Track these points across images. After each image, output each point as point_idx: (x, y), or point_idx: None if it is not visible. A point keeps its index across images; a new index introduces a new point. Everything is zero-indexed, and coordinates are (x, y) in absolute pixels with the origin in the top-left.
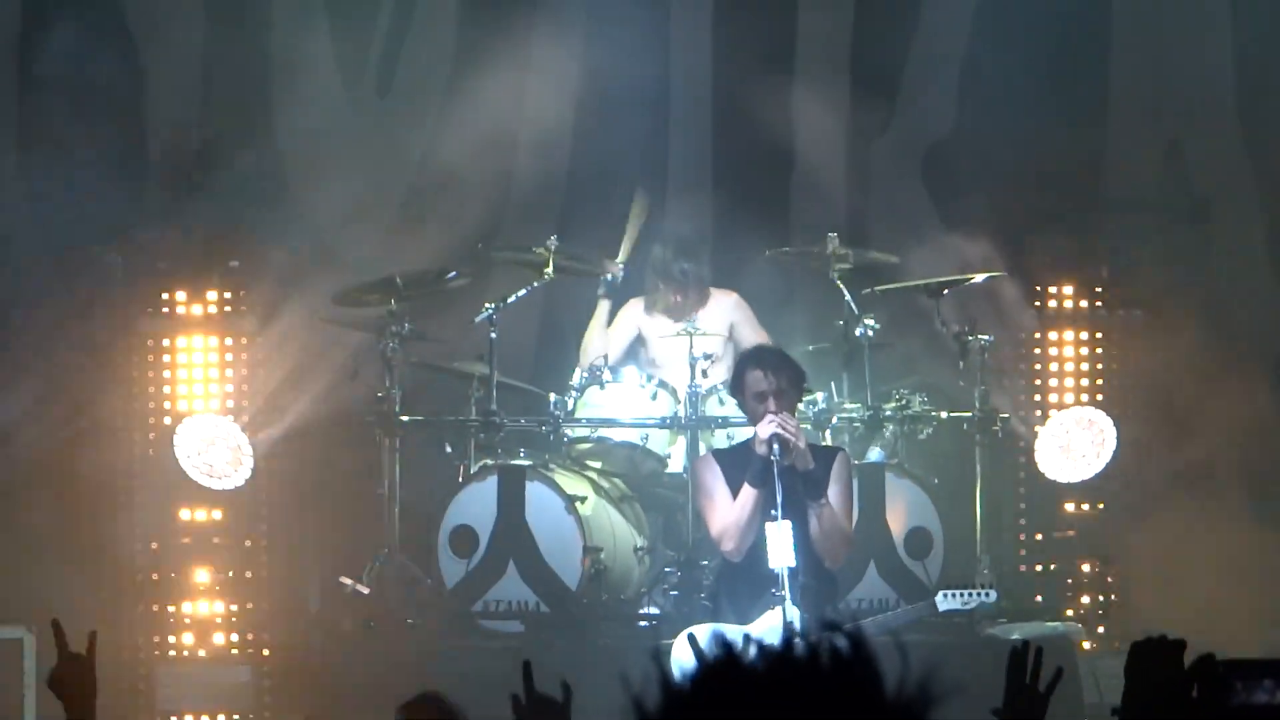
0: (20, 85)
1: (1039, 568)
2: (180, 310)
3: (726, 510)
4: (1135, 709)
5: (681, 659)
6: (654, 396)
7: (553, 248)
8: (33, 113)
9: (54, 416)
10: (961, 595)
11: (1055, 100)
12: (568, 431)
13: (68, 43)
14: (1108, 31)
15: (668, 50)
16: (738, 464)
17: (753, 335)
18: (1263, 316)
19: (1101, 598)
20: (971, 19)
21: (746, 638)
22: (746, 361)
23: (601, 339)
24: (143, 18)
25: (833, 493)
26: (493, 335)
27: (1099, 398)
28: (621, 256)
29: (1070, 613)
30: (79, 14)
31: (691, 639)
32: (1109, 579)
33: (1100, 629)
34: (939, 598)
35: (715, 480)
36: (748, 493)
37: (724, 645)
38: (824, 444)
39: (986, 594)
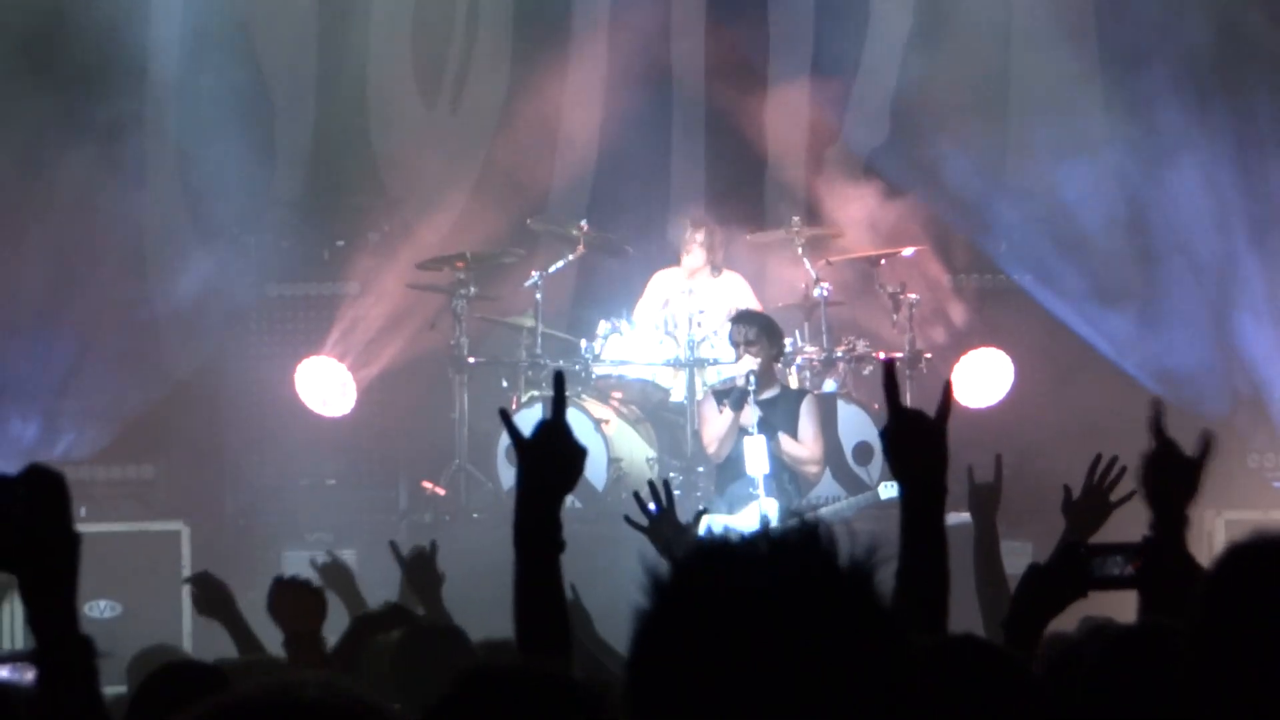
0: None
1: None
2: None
3: (713, 427)
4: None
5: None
6: (661, 342)
7: (584, 228)
8: (190, 122)
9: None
10: (896, 485)
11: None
12: (595, 370)
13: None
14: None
15: (669, 71)
16: (725, 394)
17: (751, 304)
18: None
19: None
20: (901, 50)
21: (726, 528)
22: (740, 318)
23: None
24: (268, 49)
25: (802, 425)
26: (538, 296)
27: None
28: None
29: None
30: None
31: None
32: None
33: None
34: (881, 487)
35: (710, 410)
36: (726, 413)
37: (710, 534)
38: (795, 387)
39: None
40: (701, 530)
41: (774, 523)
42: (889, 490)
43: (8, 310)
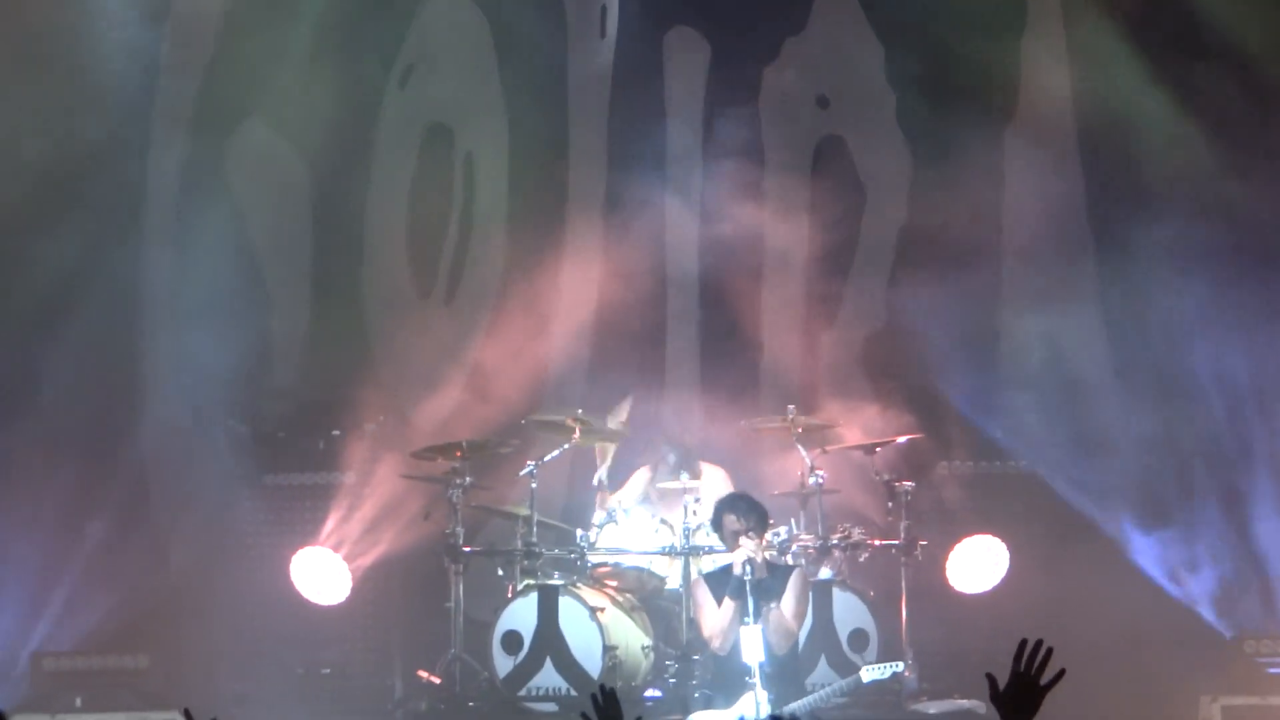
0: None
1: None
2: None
3: (714, 619)
4: None
5: None
6: (656, 531)
7: (578, 418)
8: (186, 315)
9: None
10: (878, 667)
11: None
12: (591, 558)
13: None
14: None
15: (665, 265)
16: (720, 582)
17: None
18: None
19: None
20: (894, 246)
21: None
22: (724, 506)
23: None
24: (264, 241)
25: (789, 597)
26: (533, 486)
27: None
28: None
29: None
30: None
31: None
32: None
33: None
34: (863, 671)
35: (705, 596)
36: (728, 604)
37: None
38: (785, 563)
39: (896, 664)
40: None
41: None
42: (872, 674)
43: (29, 510)
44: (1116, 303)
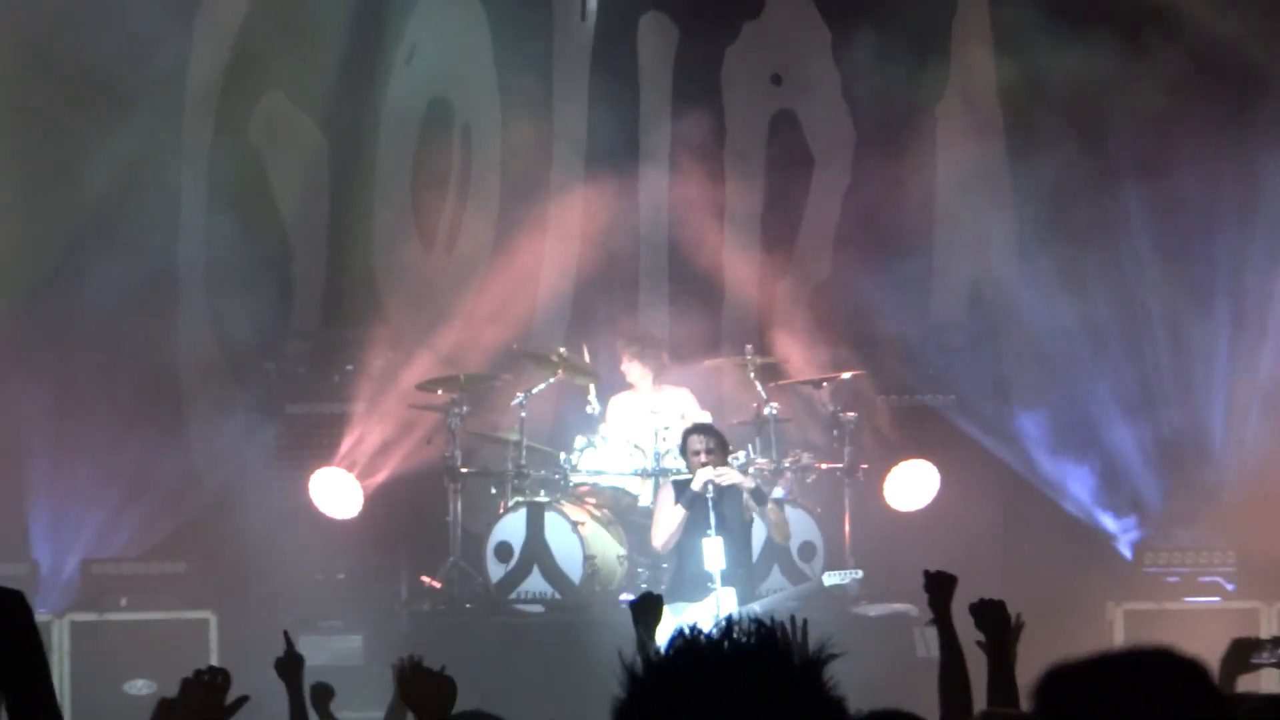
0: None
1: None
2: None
3: (665, 518)
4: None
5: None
6: (630, 455)
7: (562, 354)
8: (218, 264)
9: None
10: (839, 573)
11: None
12: (572, 479)
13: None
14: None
15: (638, 224)
16: (682, 492)
17: (696, 415)
18: None
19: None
20: (839, 208)
21: (694, 626)
22: (688, 431)
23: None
24: (285, 198)
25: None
26: (523, 415)
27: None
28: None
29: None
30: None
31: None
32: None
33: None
34: (824, 576)
35: (667, 499)
36: (679, 511)
37: (680, 633)
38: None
39: (855, 571)
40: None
41: (734, 613)
42: (832, 579)
43: (80, 434)
44: (1034, 253)
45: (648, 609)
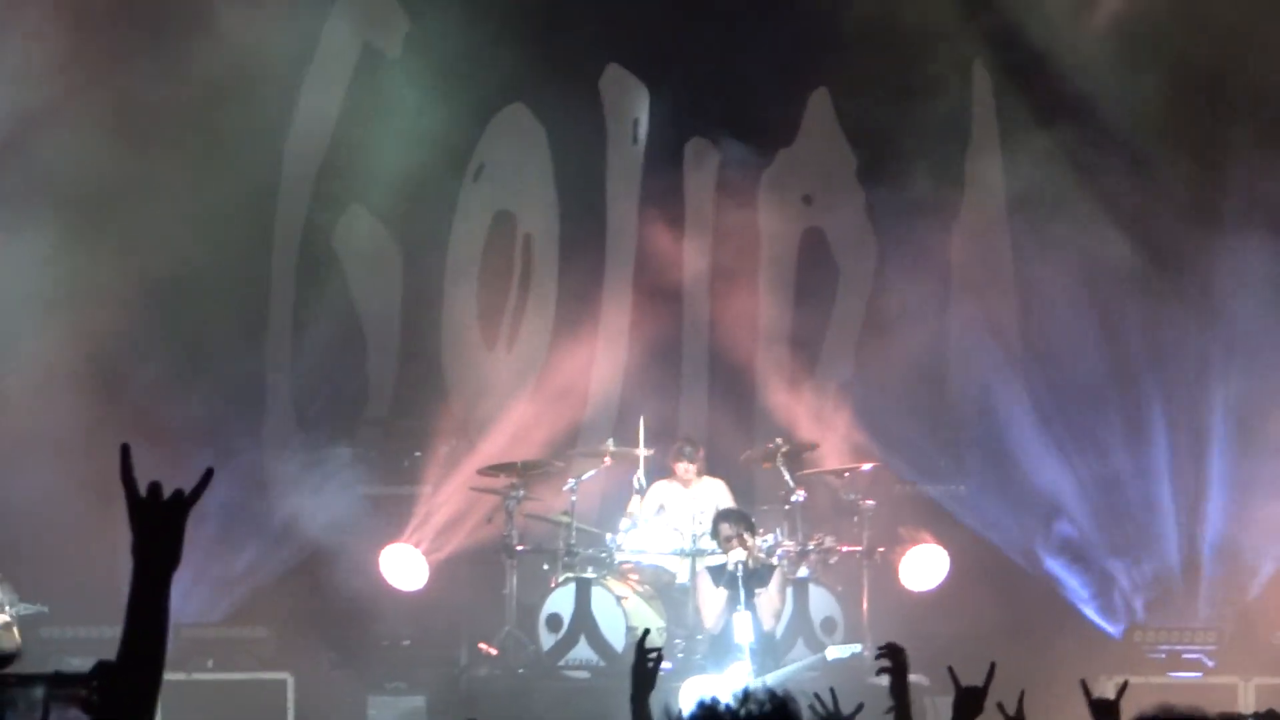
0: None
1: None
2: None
3: (709, 601)
4: None
5: (688, 696)
6: (669, 537)
7: (610, 447)
8: (301, 358)
9: (314, 539)
10: (840, 648)
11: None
12: (617, 557)
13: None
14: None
15: (680, 331)
16: (718, 574)
17: (728, 503)
18: None
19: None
20: (862, 315)
21: (714, 698)
22: (720, 518)
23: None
24: (361, 293)
25: (772, 587)
26: (573, 499)
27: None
28: (640, 472)
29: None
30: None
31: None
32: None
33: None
34: (827, 650)
35: (706, 583)
36: (721, 592)
37: (702, 704)
38: (770, 564)
39: (855, 646)
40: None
41: (749, 685)
42: (835, 652)
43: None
44: (1036, 367)
45: (643, 681)
